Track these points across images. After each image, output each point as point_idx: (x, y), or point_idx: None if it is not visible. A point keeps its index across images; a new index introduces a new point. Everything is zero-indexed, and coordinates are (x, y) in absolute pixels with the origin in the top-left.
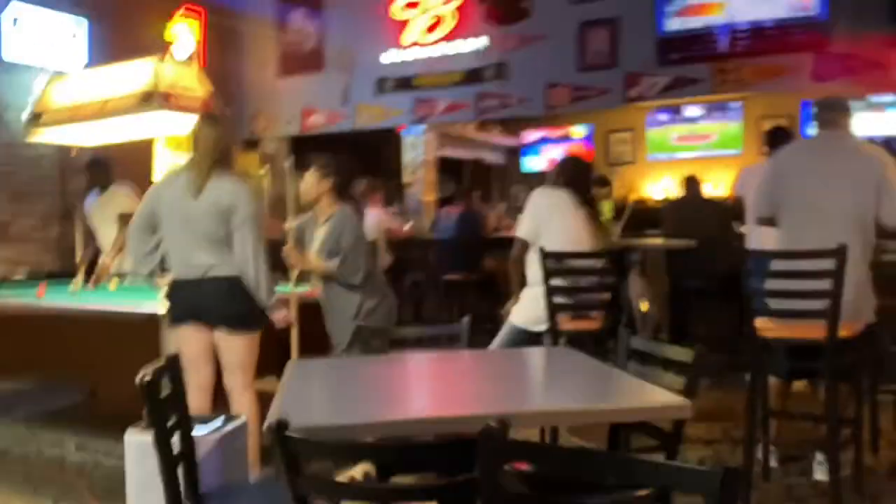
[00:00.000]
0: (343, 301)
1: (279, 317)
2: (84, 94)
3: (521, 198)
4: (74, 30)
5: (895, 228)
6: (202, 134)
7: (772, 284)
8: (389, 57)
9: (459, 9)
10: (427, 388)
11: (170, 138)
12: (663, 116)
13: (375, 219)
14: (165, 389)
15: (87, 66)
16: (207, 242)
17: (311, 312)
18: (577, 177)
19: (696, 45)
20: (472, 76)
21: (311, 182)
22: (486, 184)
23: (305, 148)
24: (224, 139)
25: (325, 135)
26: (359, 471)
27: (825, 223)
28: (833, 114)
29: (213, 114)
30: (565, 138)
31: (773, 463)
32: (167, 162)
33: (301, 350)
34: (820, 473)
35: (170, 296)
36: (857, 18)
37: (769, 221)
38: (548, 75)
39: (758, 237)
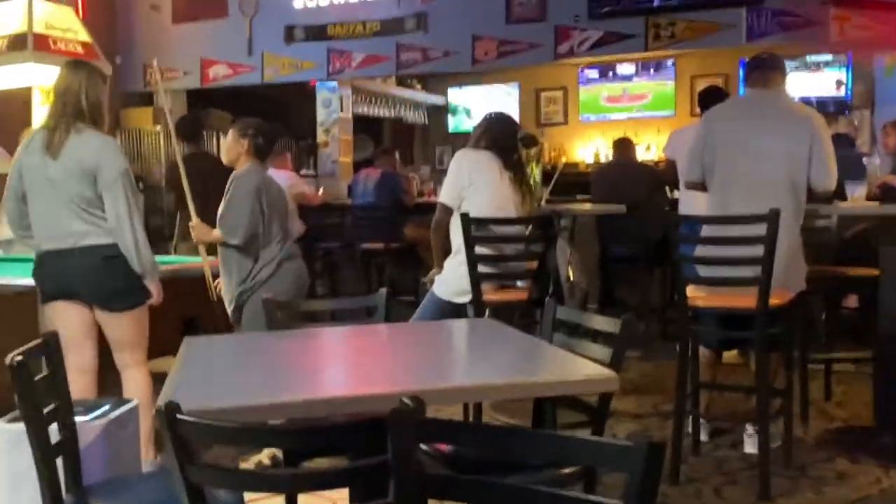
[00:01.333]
0: (233, 264)
1: (158, 289)
2: None
3: (446, 160)
4: None
5: (826, 193)
6: (64, 83)
7: (702, 251)
8: (300, 2)
9: None
10: (340, 364)
11: (47, 89)
12: (593, 73)
13: (285, 182)
14: (42, 372)
15: None
16: (74, 207)
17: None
18: (503, 136)
19: None
20: (392, 26)
21: (230, 142)
22: (409, 144)
23: (206, 103)
24: (92, 89)
25: (229, 88)
26: (265, 456)
27: (756, 187)
28: (765, 72)
29: (79, 60)
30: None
31: (703, 436)
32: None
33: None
34: (750, 446)
35: (37, 270)
36: None
37: (699, 186)
38: (473, 28)
39: (691, 202)
